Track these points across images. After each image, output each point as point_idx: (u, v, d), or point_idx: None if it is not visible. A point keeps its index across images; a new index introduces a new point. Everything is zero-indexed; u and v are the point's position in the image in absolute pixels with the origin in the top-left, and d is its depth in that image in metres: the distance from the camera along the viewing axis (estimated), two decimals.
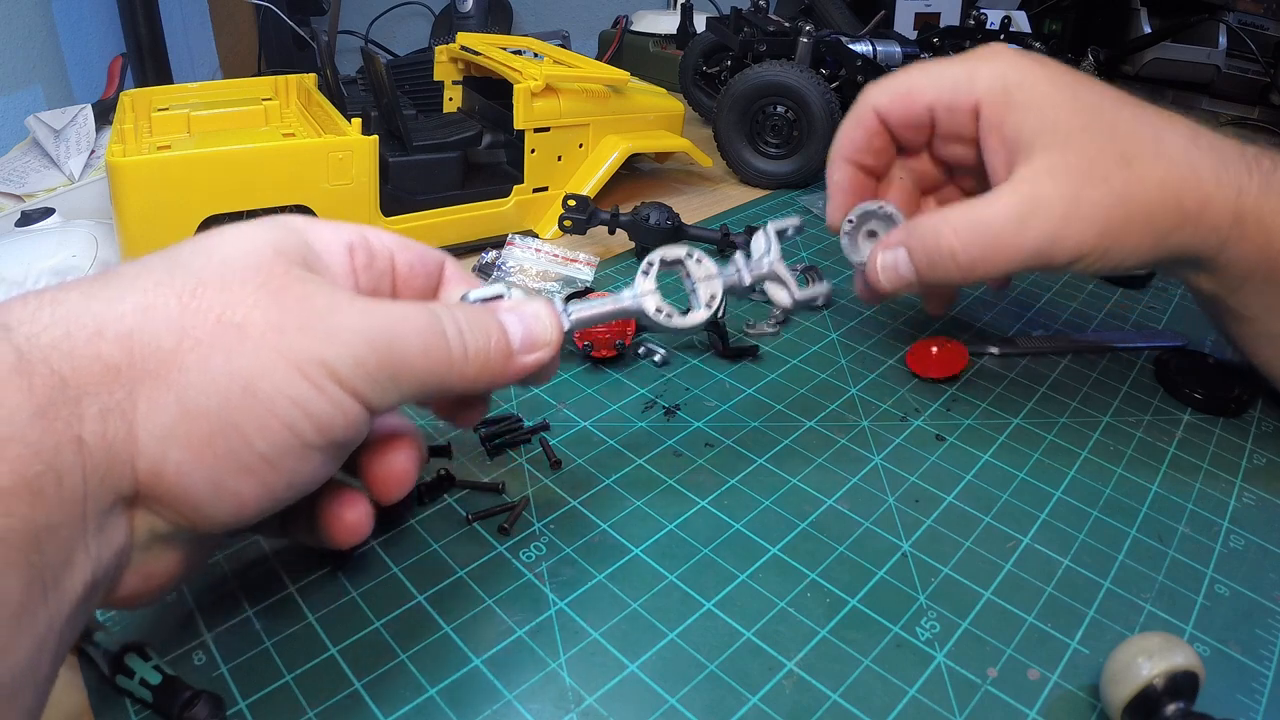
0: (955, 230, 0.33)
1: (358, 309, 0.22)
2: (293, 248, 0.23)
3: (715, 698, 0.25)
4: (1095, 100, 0.33)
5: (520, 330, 0.26)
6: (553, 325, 0.27)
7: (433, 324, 0.23)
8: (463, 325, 0.24)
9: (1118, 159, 0.32)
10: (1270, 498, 0.34)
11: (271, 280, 0.21)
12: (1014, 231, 0.32)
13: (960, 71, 0.35)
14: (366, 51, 0.57)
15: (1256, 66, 0.98)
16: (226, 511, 0.20)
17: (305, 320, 0.21)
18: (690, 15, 0.90)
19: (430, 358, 0.23)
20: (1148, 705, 0.23)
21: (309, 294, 0.21)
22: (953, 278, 0.33)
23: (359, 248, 0.25)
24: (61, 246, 0.43)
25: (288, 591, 0.28)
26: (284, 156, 0.44)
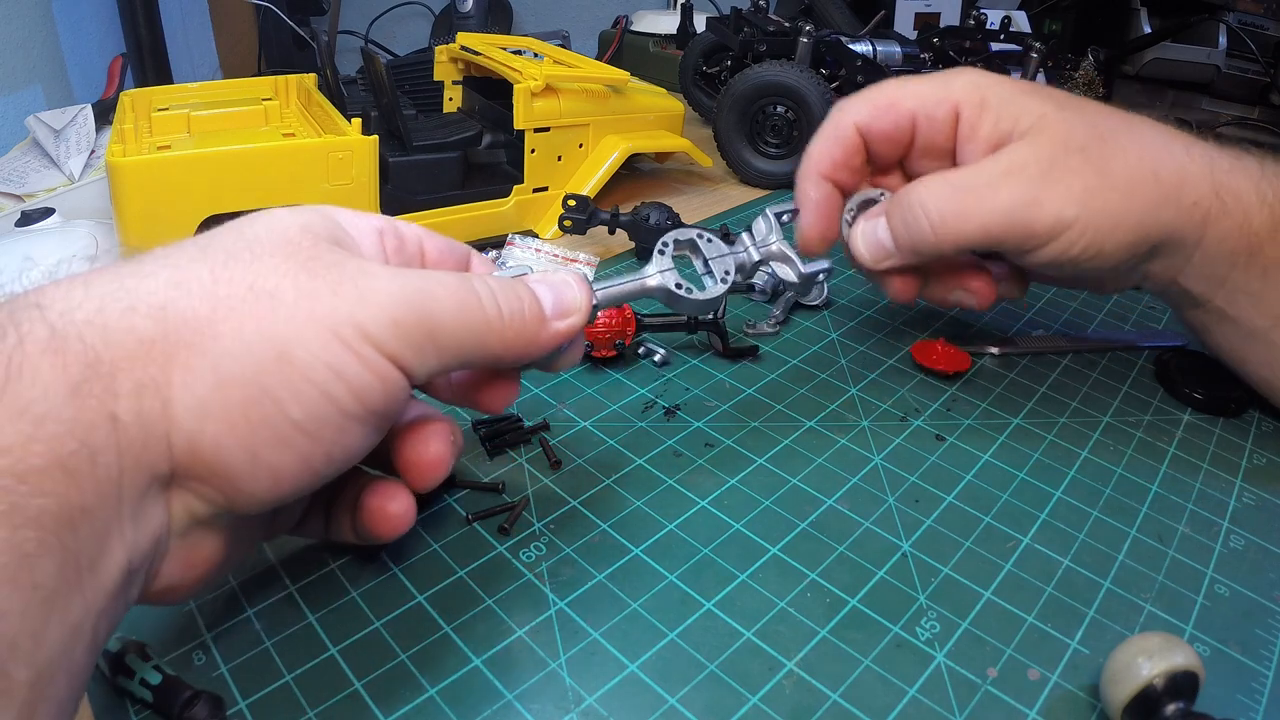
0: (928, 188, 0.33)
1: (389, 273, 0.22)
2: (323, 227, 0.23)
3: (715, 698, 0.25)
4: (1063, 98, 0.34)
5: (551, 297, 0.26)
6: (582, 293, 0.27)
7: (467, 286, 0.23)
8: (496, 290, 0.24)
9: (1093, 134, 0.33)
10: (1270, 498, 0.34)
11: (301, 252, 0.21)
12: (989, 189, 0.32)
13: (935, 83, 0.36)
14: (366, 51, 0.57)
15: (1256, 66, 0.98)
16: (264, 487, 0.20)
17: (337, 285, 0.20)
18: (690, 15, 0.90)
19: (467, 319, 0.23)
20: (1148, 705, 0.23)
21: (339, 261, 0.21)
22: (924, 236, 0.33)
23: (388, 233, 0.26)
24: (61, 246, 0.43)
25: (288, 591, 0.28)
26: (284, 156, 0.44)
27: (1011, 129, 0.33)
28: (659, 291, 0.31)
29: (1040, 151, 0.32)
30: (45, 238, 0.45)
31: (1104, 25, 1.03)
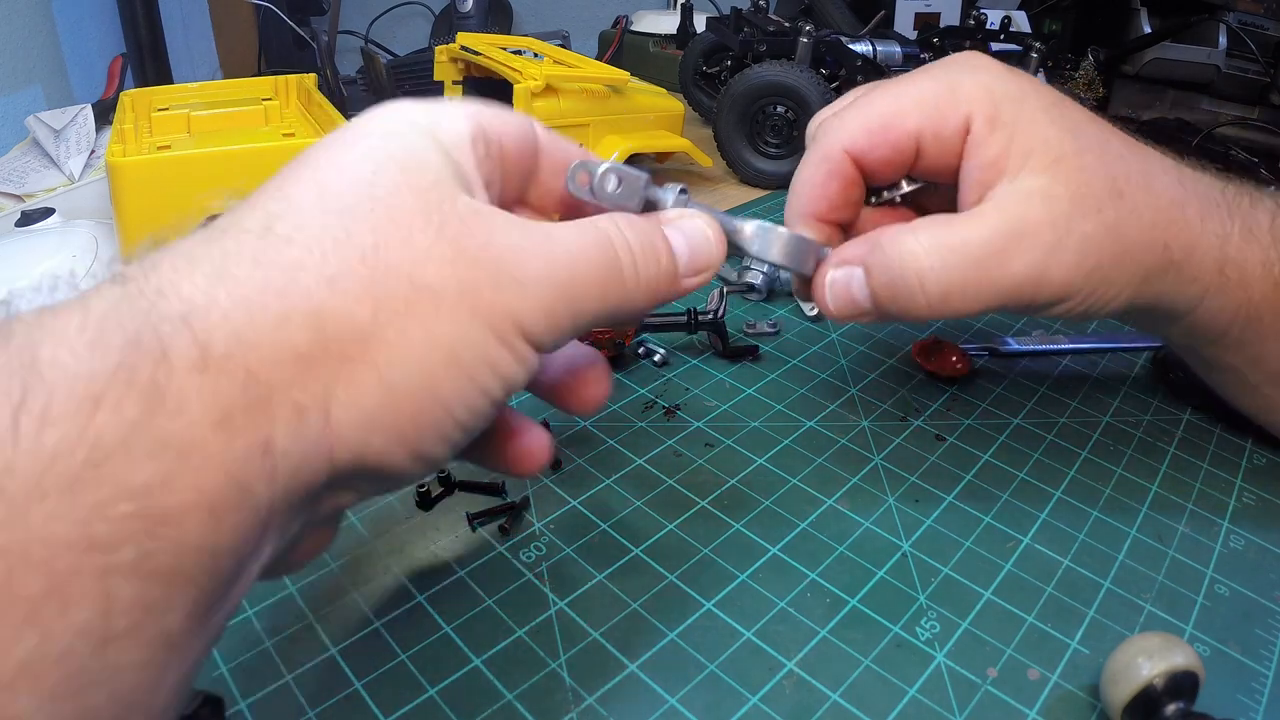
0: (927, 250, 0.27)
1: (539, 250, 0.20)
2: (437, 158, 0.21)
3: (715, 698, 0.25)
4: (1084, 122, 0.30)
5: (687, 251, 0.24)
6: (719, 246, 0.25)
7: (609, 255, 0.22)
8: (635, 250, 0.22)
9: (1110, 189, 0.28)
10: (1270, 498, 0.34)
11: (447, 224, 0.19)
12: (998, 259, 0.27)
13: (940, 87, 0.30)
14: (366, 51, 0.57)
15: (1256, 66, 0.98)
16: (419, 473, 0.20)
17: (496, 275, 0.19)
18: (690, 15, 0.90)
19: (607, 292, 0.22)
20: (1148, 705, 0.23)
21: (490, 237, 0.20)
22: (917, 310, 0.28)
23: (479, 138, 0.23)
24: (61, 246, 0.43)
25: (288, 592, 0.28)
26: (284, 156, 0.44)
27: (1022, 163, 0.28)
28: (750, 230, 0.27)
29: (1055, 210, 0.28)
30: (45, 238, 0.45)
31: (1104, 25, 1.03)
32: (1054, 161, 0.28)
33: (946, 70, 0.31)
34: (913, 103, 0.30)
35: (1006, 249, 0.27)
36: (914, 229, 0.28)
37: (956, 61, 0.31)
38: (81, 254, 0.43)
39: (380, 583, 0.28)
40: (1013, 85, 0.30)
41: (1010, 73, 0.30)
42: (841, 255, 0.29)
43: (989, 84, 0.29)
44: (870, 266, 0.28)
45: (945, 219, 0.28)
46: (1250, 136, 0.91)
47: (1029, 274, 0.28)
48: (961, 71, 0.30)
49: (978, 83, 0.30)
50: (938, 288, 0.27)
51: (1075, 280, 0.28)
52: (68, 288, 0.17)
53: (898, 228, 0.28)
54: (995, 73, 0.30)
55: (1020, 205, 0.28)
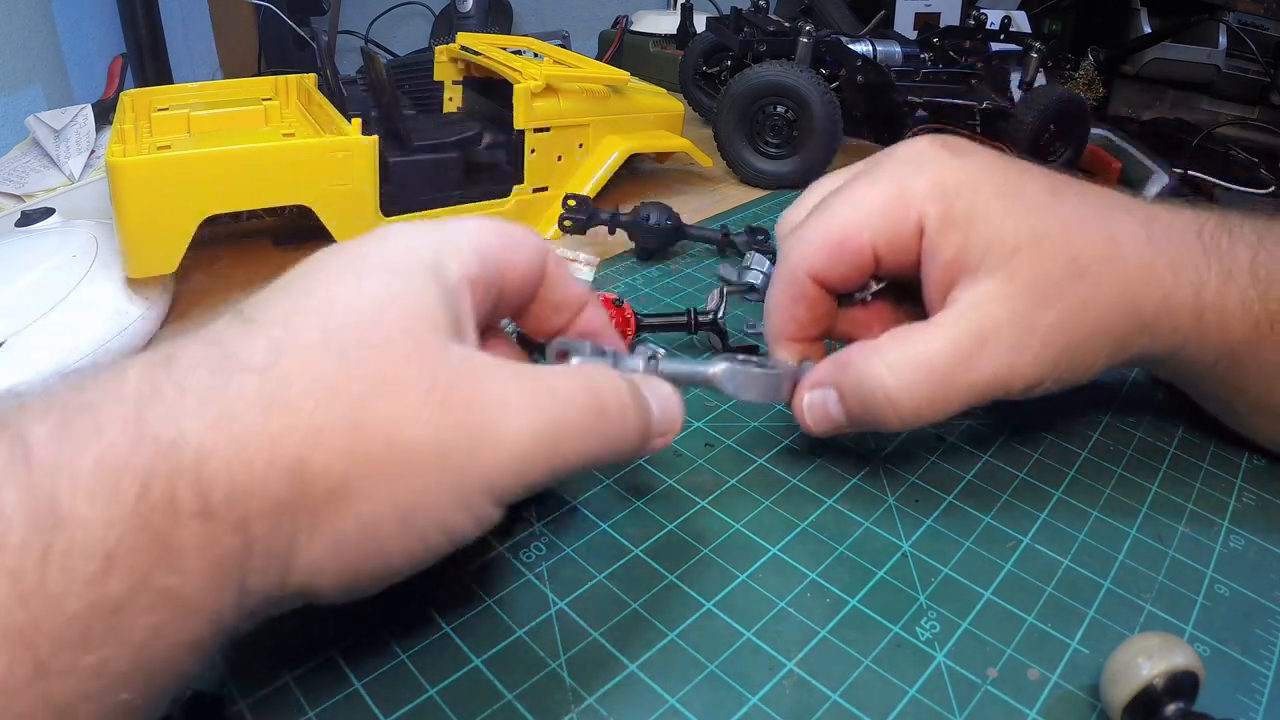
0: (892, 370, 0.28)
1: (526, 399, 0.21)
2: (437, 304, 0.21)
3: (715, 698, 0.25)
4: (1042, 199, 0.30)
5: (658, 411, 0.25)
6: (681, 412, 0.27)
7: (598, 401, 0.23)
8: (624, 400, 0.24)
9: (1071, 270, 0.29)
10: (1270, 498, 0.34)
11: (437, 380, 0.20)
12: (963, 369, 0.28)
13: (890, 192, 0.30)
14: (366, 51, 0.57)
15: (1256, 66, 0.98)
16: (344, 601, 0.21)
17: (474, 437, 0.20)
18: (690, 15, 0.90)
19: (589, 439, 0.23)
20: (1148, 705, 0.23)
21: (474, 394, 0.20)
22: (891, 425, 0.29)
23: (480, 280, 0.24)
24: (61, 246, 0.43)
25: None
26: (284, 156, 0.44)
27: (979, 261, 0.29)
28: (722, 373, 0.30)
29: (1016, 308, 0.28)
30: (45, 238, 0.45)
31: (1104, 25, 1.03)
32: (1010, 254, 0.28)
33: (896, 171, 0.31)
34: (865, 215, 0.30)
35: (970, 357, 0.28)
36: (879, 348, 0.29)
37: (904, 157, 0.31)
38: (81, 254, 0.43)
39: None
40: (962, 177, 0.30)
41: (960, 160, 0.30)
42: (815, 378, 0.31)
43: (939, 179, 0.30)
44: (842, 389, 0.30)
45: (909, 332, 0.29)
46: (1250, 136, 0.91)
47: (997, 375, 0.28)
48: (910, 170, 0.30)
49: (928, 180, 0.30)
50: (908, 406, 0.28)
51: (1044, 368, 0.29)
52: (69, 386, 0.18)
53: (865, 346, 0.30)
54: (944, 164, 0.30)
55: (980, 310, 0.28)
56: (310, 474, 0.18)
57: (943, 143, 0.31)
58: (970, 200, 0.29)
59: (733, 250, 0.54)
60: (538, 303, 0.27)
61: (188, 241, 0.42)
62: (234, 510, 0.17)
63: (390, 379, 0.19)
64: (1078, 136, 0.69)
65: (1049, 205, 0.30)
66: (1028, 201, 0.29)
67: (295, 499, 0.18)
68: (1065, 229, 0.29)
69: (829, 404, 0.30)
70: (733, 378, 0.30)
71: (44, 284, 0.40)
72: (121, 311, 0.41)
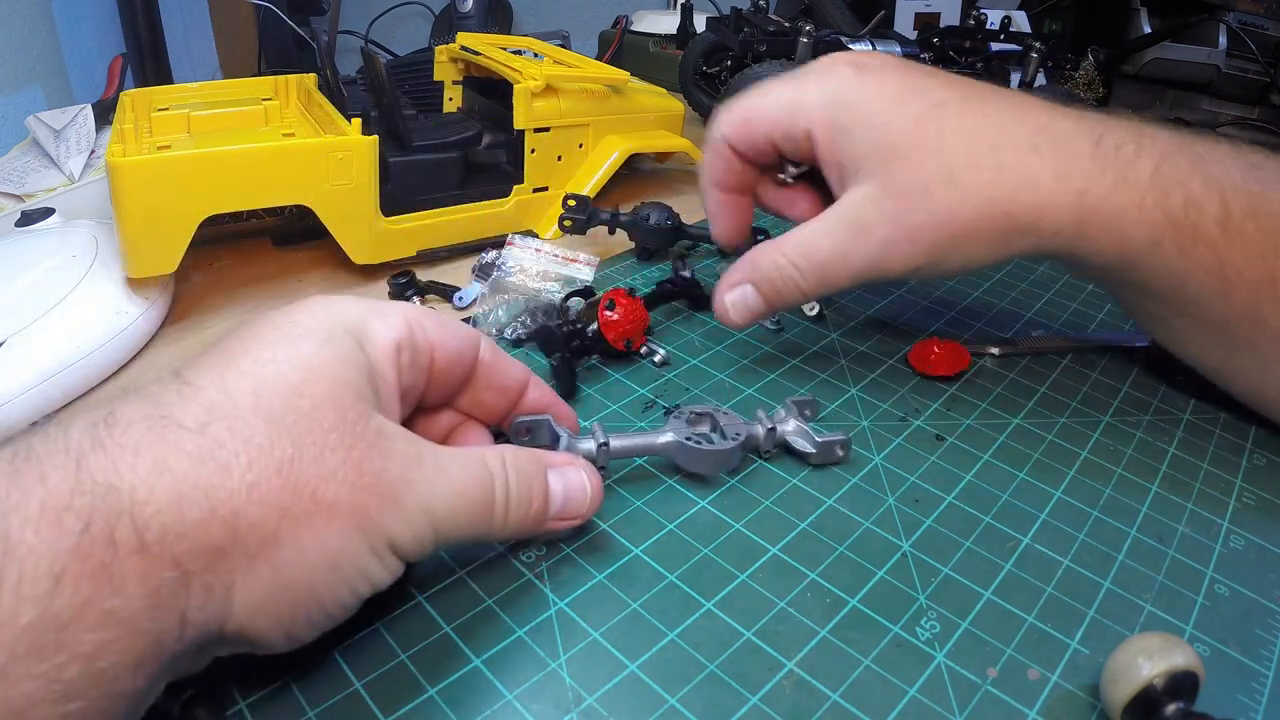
0: (792, 261, 0.35)
1: (424, 481, 0.23)
2: (359, 373, 0.24)
3: (715, 698, 0.25)
4: (929, 110, 0.33)
5: (561, 499, 0.28)
6: (591, 501, 0.29)
7: (486, 494, 0.25)
8: (511, 491, 0.26)
9: (942, 178, 0.32)
10: (1270, 498, 0.34)
11: (355, 446, 0.22)
12: (840, 258, 0.34)
13: (791, 95, 0.35)
14: (366, 51, 0.57)
15: (1256, 66, 0.98)
16: (286, 648, 0.23)
17: (382, 500, 0.22)
18: (690, 15, 0.90)
19: (475, 524, 0.25)
20: (1148, 705, 0.23)
21: (386, 464, 0.23)
22: (798, 300, 0.36)
23: (405, 347, 0.26)
24: (61, 246, 0.43)
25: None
26: (284, 156, 0.44)
27: (857, 167, 0.34)
28: (671, 445, 0.33)
29: (884, 209, 0.33)
30: (45, 238, 0.45)
31: (1104, 25, 1.03)
32: (886, 162, 0.33)
33: (802, 79, 0.36)
34: (765, 111, 0.36)
35: (846, 247, 0.34)
36: (781, 245, 0.36)
37: (814, 68, 0.36)
38: (81, 254, 0.43)
39: None
40: (855, 89, 0.34)
41: (859, 77, 0.35)
42: (730, 279, 0.38)
43: (835, 91, 0.34)
44: (757, 282, 0.37)
45: (801, 231, 0.36)
46: (1250, 136, 0.91)
47: (868, 264, 0.34)
48: (811, 81, 0.35)
49: (823, 91, 0.35)
50: (809, 285, 0.36)
51: (914, 262, 0.34)
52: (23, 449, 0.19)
53: (768, 246, 0.36)
54: (841, 77, 0.35)
55: (855, 209, 0.34)
56: (244, 524, 0.20)
57: (850, 59, 0.36)
58: (855, 113, 0.34)
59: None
60: (476, 387, 0.30)
61: (188, 241, 0.42)
62: (168, 549, 0.19)
63: (315, 444, 0.22)
64: None
65: (933, 118, 0.33)
66: (912, 114, 0.33)
67: (231, 545, 0.20)
68: (942, 140, 0.33)
69: (748, 297, 0.37)
70: (681, 451, 0.33)
71: (44, 284, 0.40)
72: (121, 311, 0.41)
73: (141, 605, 0.18)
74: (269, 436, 0.21)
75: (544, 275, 0.46)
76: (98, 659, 0.18)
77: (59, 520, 0.18)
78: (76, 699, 0.17)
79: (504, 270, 0.47)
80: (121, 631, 0.18)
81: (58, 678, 0.17)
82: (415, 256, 0.51)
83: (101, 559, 0.18)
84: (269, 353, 0.23)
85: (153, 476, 0.19)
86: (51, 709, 0.17)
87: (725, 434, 0.33)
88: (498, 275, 0.47)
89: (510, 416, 0.32)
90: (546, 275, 0.46)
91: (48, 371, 0.36)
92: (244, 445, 0.21)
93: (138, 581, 0.18)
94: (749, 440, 0.34)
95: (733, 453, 0.33)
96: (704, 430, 0.34)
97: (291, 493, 0.21)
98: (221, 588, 0.20)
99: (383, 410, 0.24)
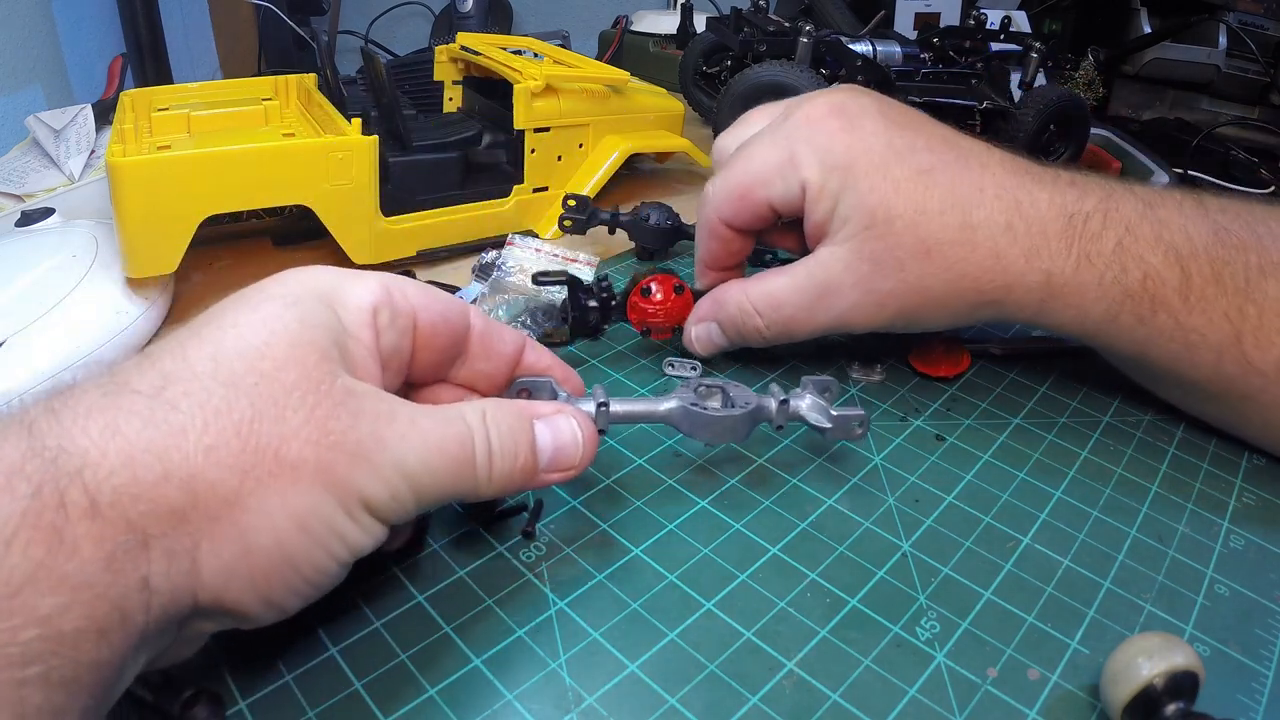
0: (756, 308, 0.37)
1: (398, 435, 0.23)
2: (326, 333, 0.23)
3: (715, 698, 0.25)
4: (912, 177, 0.34)
5: (550, 450, 0.27)
6: (584, 449, 0.27)
7: (466, 449, 0.24)
8: (494, 446, 0.25)
9: (916, 250, 0.33)
10: (1270, 498, 0.34)
11: (320, 404, 0.22)
12: (807, 313, 0.36)
13: (782, 157, 0.36)
14: (366, 51, 0.57)
15: (1256, 66, 0.97)
16: (272, 619, 0.22)
17: (352, 457, 0.22)
18: (690, 15, 0.90)
19: (457, 481, 0.24)
20: (1148, 705, 0.23)
21: (355, 422, 0.22)
22: (759, 343, 0.38)
23: (383, 307, 0.25)
24: (61, 246, 0.43)
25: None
26: (284, 156, 0.44)
27: (839, 228, 0.35)
28: (676, 412, 0.31)
29: (857, 272, 0.34)
30: (45, 238, 0.45)
31: (1104, 25, 1.03)
32: (864, 229, 0.34)
33: (787, 138, 0.36)
34: (759, 178, 0.36)
35: (813, 305, 0.36)
36: (745, 287, 0.38)
37: (795, 120, 0.36)
38: (81, 254, 0.43)
39: (380, 583, 0.28)
40: (842, 153, 0.34)
41: (846, 134, 0.35)
42: (698, 314, 0.40)
43: (823, 150, 0.35)
44: (721, 322, 0.39)
45: (770, 278, 0.37)
46: (1250, 136, 0.91)
47: (836, 321, 0.36)
48: (798, 139, 0.35)
49: (813, 150, 0.35)
50: (771, 334, 0.38)
51: (879, 323, 0.36)
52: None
53: (733, 286, 0.38)
54: (830, 137, 0.35)
55: (826, 270, 0.35)
56: (204, 486, 0.20)
57: (833, 107, 0.36)
58: (844, 175, 0.34)
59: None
60: (471, 358, 0.29)
61: (188, 241, 0.42)
62: (123, 512, 0.19)
63: (276, 404, 0.21)
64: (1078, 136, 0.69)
65: (916, 187, 0.34)
66: (894, 181, 0.34)
67: (190, 508, 0.19)
68: (920, 214, 0.34)
69: (713, 334, 0.39)
70: (686, 417, 0.31)
71: (44, 284, 0.40)
72: (121, 311, 0.41)
73: (98, 569, 0.18)
74: (226, 399, 0.21)
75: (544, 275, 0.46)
76: (55, 623, 0.17)
77: (9, 485, 0.17)
78: (34, 663, 0.17)
79: (504, 270, 0.47)
80: (79, 596, 0.17)
81: (12, 640, 0.17)
82: (415, 256, 0.51)
83: (53, 522, 0.18)
84: (230, 318, 0.22)
85: (104, 440, 0.19)
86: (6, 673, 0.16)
87: (734, 401, 0.32)
88: (498, 275, 0.47)
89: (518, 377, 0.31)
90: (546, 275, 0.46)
91: (47, 371, 0.36)
92: (199, 408, 0.20)
93: (92, 545, 0.18)
94: (759, 412, 0.32)
95: (740, 421, 0.31)
96: (714, 403, 0.32)
97: (253, 454, 0.20)
98: (184, 553, 0.19)
99: (357, 372, 0.24)
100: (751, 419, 0.32)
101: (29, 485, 0.18)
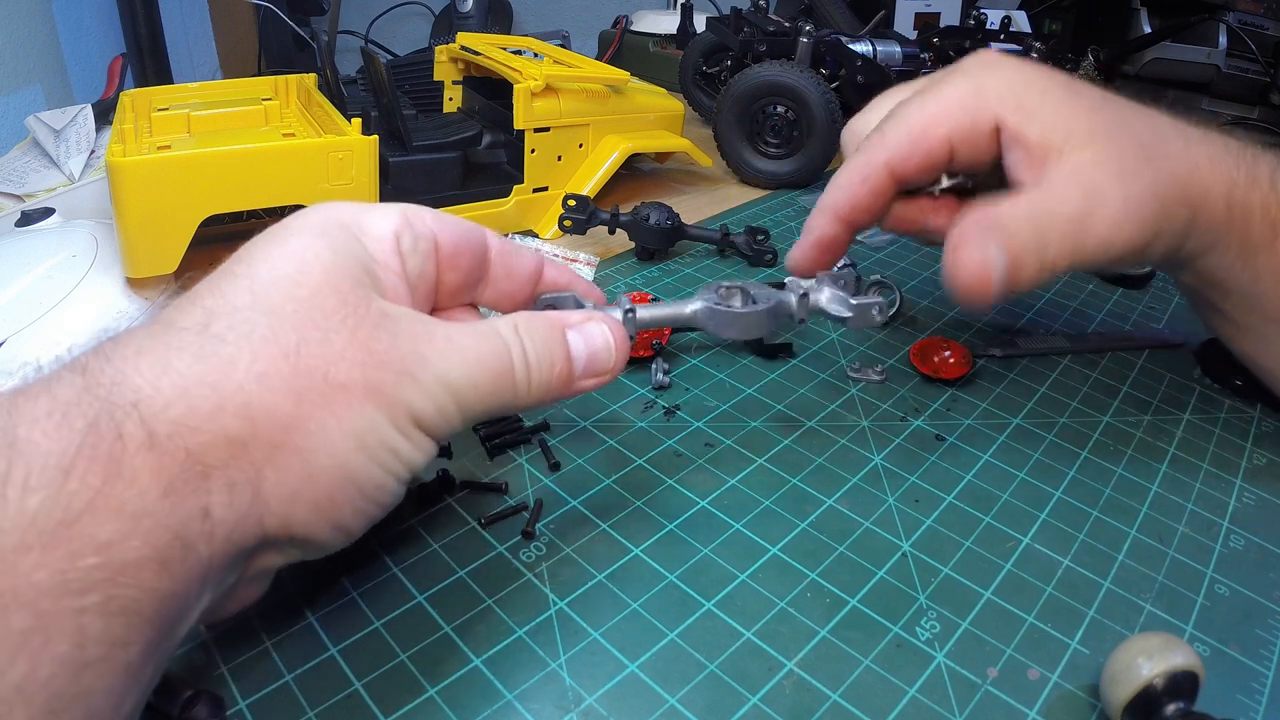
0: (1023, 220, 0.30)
1: (437, 354, 0.23)
2: (356, 261, 0.23)
3: (715, 698, 0.25)
4: (1100, 101, 0.33)
5: (585, 356, 0.27)
6: (616, 353, 0.28)
7: (504, 361, 0.25)
8: (530, 357, 0.25)
9: (1140, 155, 0.31)
10: (1270, 498, 0.34)
11: (360, 327, 0.22)
12: (1082, 224, 0.30)
13: (967, 90, 0.33)
14: (366, 51, 0.57)
15: (1256, 66, 0.97)
16: (339, 544, 0.23)
17: (397, 375, 0.22)
18: (690, 15, 0.90)
19: (498, 392, 0.25)
20: (1148, 705, 0.23)
21: (394, 341, 0.22)
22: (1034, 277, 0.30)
23: (404, 233, 0.26)
24: (61, 246, 0.43)
25: (288, 592, 0.28)
26: (284, 156, 0.44)
27: (1066, 141, 0.31)
28: (700, 312, 0.31)
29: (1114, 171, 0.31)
30: (45, 238, 0.45)
31: (1104, 25, 1.03)
32: (1091, 137, 0.31)
33: (968, 73, 0.33)
34: (944, 111, 0.33)
35: (1090, 214, 0.30)
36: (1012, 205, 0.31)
37: (976, 63, 0.34)
38: (81, 254, 0.43)
39: (380, 583, 0.28)
40: (1032, 76, 0.33)
41: (1025, 65, 0.33)
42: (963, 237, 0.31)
43: (1011, 79, 0.33)
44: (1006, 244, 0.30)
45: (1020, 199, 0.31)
46: (1250, 136, 0.91)
47: (1108, 234, 0.30)
48: (983, 72, 0.33)
49: (1001, 79, 0.33)
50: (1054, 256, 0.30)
51: (1136, 237, 0.31)
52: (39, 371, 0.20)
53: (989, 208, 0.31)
54: (1014, 67, 0.33)
55: (1085, 175, 0.31)
56: (260, 414, 0.20)
57: (997, 55, 0.34)
58: (1043, 96, 0.32)
59: (732, 250, 0.54)
60: (494, 277, 0.29)
61: (188, 241, 0.42)
62: (180, 443, 0.19)
63: (318, 329, 0.21)
64: None
65: (1108, 106, 0.33)
66: (1090, 101, 0.32)
67: (251, 437, 0.20)
68: (1126, 124, 0.32)
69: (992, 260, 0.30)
70: (712, 317, 0.31)
71: (44, 284, 0.40)
72: (121, 311, 0.41)
73: (156, 498, 0.18)
74: (270, 328, 0.21)
75: None
76: (114, 551, 0.17)
77: (66, 419, 0.18)
78: (93, 591, 0.17)
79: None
80: (139, 525, 0.18)
81: (70, 567, 0.16)
82: None
83: (110, 452, 0.18)
84: (261, 254, 0.23)
85: (156, 376, 0.19)
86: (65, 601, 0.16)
87: (756, 299, 0.32)
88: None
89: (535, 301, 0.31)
90: None
91: None
92: (245, 339, 0.20)
93: (151, 475, 0.18)
94: (781, 307, 0.32)
95: (763, 316, 0.31)
96: (736, 301, 0.32)
97: (304, 377, 0.21)
98: (245, 483, 0.20)
99: (389, 296, 0.24)
100: (773, 314, 0.32)
101: (85, 420, 0.18)
